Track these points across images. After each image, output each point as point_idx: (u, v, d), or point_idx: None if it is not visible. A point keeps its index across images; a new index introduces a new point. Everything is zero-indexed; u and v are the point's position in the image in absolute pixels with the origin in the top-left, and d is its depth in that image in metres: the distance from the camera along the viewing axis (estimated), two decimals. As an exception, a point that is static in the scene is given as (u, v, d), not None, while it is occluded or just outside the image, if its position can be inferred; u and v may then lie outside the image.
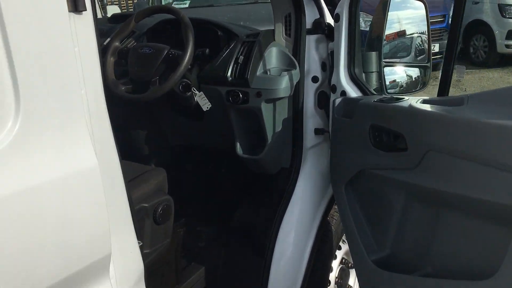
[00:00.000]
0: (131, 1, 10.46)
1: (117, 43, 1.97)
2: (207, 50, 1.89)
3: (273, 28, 2.01)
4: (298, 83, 1.94)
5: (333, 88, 1.93)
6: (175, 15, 1.90)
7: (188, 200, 2.31)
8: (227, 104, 1.94)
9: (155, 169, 1.73)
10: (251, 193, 2.27)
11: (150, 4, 7.18)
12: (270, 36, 1.99)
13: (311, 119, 2.02)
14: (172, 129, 2.24)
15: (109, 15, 7.05)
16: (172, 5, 6.90)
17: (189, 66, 1.90)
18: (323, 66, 1.99)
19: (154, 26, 2.14)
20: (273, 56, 1.95)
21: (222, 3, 6.99)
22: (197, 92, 1.92)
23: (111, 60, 1.95)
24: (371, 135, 1.64)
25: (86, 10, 0.98)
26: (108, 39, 2.03)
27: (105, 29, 2.22)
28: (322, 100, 2.02)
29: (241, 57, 1.91)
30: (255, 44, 1.92)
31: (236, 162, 2.09)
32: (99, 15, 6.63)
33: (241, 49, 1.94)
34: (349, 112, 1.77)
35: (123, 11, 9.51)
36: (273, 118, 1.96)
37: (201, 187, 2.37)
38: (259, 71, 1.90)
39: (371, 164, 1.66)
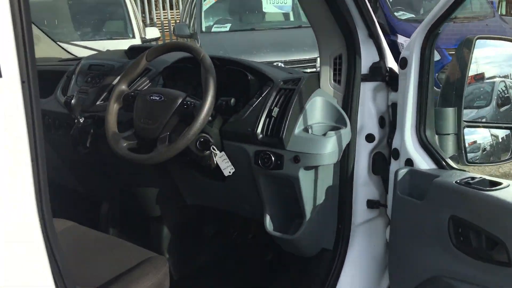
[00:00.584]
0: (170, 21, 10.33)
1: (123, 86, 1.60)
2: (232, 100, 1.48)
3: (318, 68, 1.59)
4: (348, 144, 1.50)
5: (395, 153, 1.48)
6: (194, 54, 1.51)
7: (204, 274, 1.89)
8: (255, 168, 1.52)
9: (157, 259, 1.33)
10: (283, 276, 1.82)
11: (190, 27, 6.93)
12: (314, 82, 1.56)
13: (363, 188, 1.57)
14: (188, 187, 1.84)
15: (148, 37, 6.89)
16: (213, 29, 6.63)
17: (210, 118, 1.50)
18: (381, 121, 1.54)
19: (173, 64, 1.76)
20: (317, 109, 1.52)
21: (265, 27, 6.65)
22: (217, 152, 1.51)
23: (114, 107, 1.57)
24: (451, 231, 1.18)
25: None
26: (116, 80, 1.67)
27: (116, 65, 1.87)
28: (378, 164, 1.57)
29: (276, 109, 1.49)
30: (295, 92, 1.49)
31: (266, 233, 1.66)
32: (138, 38, 6.43)
33: (276, 98, 1.52)
34: (419, 191, 1.31)
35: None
36: (313, 188, 1.52)
37: (221, 258, 1.95)
38: (298, 128, 1.47)
39: (450, 271, 1.19)
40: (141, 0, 10.14)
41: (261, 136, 1.49)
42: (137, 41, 6.35)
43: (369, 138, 1.55)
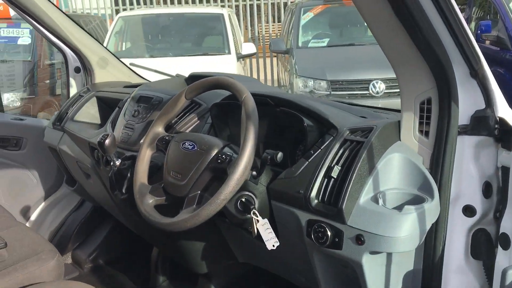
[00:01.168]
0: (270, 36, 10.20)
1: (159, 128, 1.35)
2: (279, 155, 1.16)
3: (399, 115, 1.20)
4: (437, 221, 1.11)
5: (504, 240, 1.05)
6: (236, 94, 1.22)
7: None
8: (307, 241, 1.18)
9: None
10: None
11: (287, 43, 6.69)
12: (392, 133, 1.18)
13: (457, 277, 1.16)
14: (238, 244, 1.54)
15: (244, 52, 6.76)
16: (310, 44, 6.32)
17: (254, 173, 1.19)
18: (486, 189, 1.12)
19: (222, 102, 1.48)
20: (393, 170, 1.14)
21: (365, 42, 6.18)
22: (259, 218, 1.19)
23: (147, 153, 1.33)
24: None
25: None
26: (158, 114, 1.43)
27: (165, 99, 1.63)
28: (481, 245, 1.15)
29: (337, 168, 1.14)
30: (364, 145, 1.13)
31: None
32: (234, 54, 6.34)
33: (339, 152, 1.16)
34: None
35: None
36: (384, 276, 1.14)
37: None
38: (365, 197, 1.10)
39: None
40: (244, 14, 10.17)
41: (315, 202, 1.14)
42: (232, 57, 6.26)
43: (468, 211, 1.14)
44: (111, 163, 1.48)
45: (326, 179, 1.14)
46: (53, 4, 2.19)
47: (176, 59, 6.09)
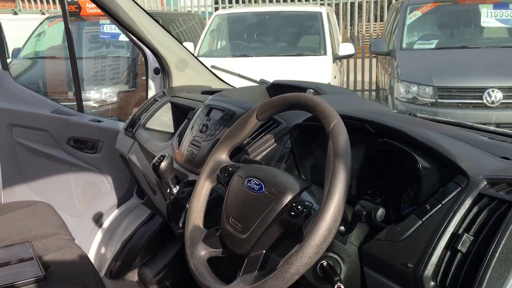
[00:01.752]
0: (371, 36, 9.58)
1: (222, 156, 1.07)
2: (380, 212, 0.81)
3: None
4: None
5: None
6: (322, 120, 0.89)
7: None
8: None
9: None
10: None
11: (389, 43, 6.15)
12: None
13: None
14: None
15: (341, 53, 6.35)
16: (415, 45, 5.73)
17: (342, 228, 0.86)
18: None
19: (305, 123, 1.16)
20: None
21: (480, 45, 5.45)
22: (344, 291, 0.86)
23: (204, 186, 1.05)
24: None
25: None
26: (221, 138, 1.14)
27: (238, 112, 1.35)
28: None
29: (468, 238, 0.77)
30: None
31: None
32: (330, 55, 5.95)
33: (471, 213, 0.79)
34: None
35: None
36: None
37: None
38: None
39: None
40: (344, 12, 9.71)
41: (431, 284, 0.78)
42: (327, 58, 5.89)
43: None
44: (168, 190, 1.23)
45: (449, 252, 0.78)
46: (134, 1, 2.01)
47: (270, 59, 5.86)
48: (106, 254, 2.46)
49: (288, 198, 0.88)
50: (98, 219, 2.46)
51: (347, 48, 6.13)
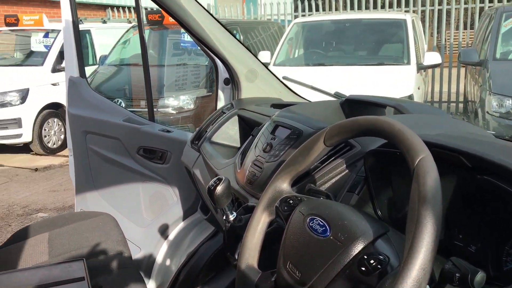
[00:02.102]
0: (460, 44, 8.95)
1: (283, 185, 0.93)
2: (479, 278, 0.63)
3: None
4: None
5: None
6: (404, 152, 0.72)
7: None
8: None
9: None
10: None
11: (480, 53, 5.67)
12: None
13: None
14: None
15: (426, 63, 5.96)
16: (511, 55, 5.21)
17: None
18: None
19: (382, 150, 0.98)
20: None
21: None
22: None
23: (261, 219, 0.92)
24: None
25: None
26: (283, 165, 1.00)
27: (306, 132, 1.20)
28: None
29: None
30: None
31: None
32: (414, 64, 5.60)
33: None
34: None
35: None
36: None
37: None
38: None
39: None
40: (431, 20, 9.20)
41: None
42: (411, 68, 5.56)
43: None
44: (224, 217, 1.11)
45: None
46: (204, 9, 1.94)
47: (348, 68, 5.64)
48: (171, 266, 2.41)
49: (358, 248, 0.72)
50: (164, 231, 2.42)
51: (433, 57, 5.75)
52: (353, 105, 1.44)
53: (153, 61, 6.73)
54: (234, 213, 1.11)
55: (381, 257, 0.70)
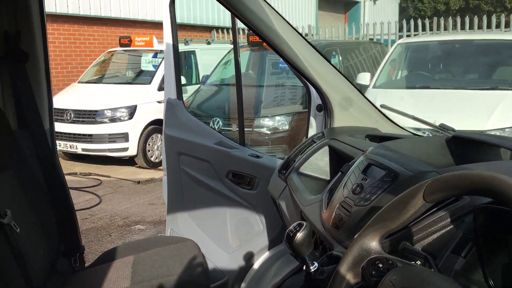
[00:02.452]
0: None
1: (372, 243, 0.80)
2: None
3: None
4: None
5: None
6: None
7: None
8: None
9: None
10: None
11: None
12: None
13: None
14: None
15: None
16: None
17: None
18: None
19: (499, 207, 0.80)
20: None
21: None
22: None
23: (345, 280, 0.79)
24: None
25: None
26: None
27: (403, 176, 1.05)
28: None
29: None
30: None
31: None
32: None
33: None
34: None
35: None
36: None
37: None
38: None
39: None
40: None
41: None
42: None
43: None
44: (304, 267, 1.00)
45: None
46: (298, 34, 1.87)
47: (456, 92, 5.23)
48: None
49: None
50: (249, 259, 2.36)
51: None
52: (460, 144, 1.25)
53: (252, 82, 6.83)
54: (316, 264, 0.99)
55: None
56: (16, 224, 1.44)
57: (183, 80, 7.19)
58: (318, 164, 1.74)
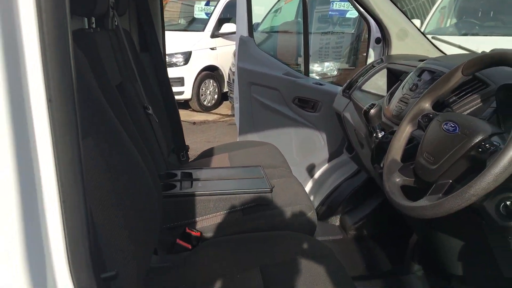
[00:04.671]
0: None
1: (426, 104, 1.21)
2: None
3: None
4: None
5: None
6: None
7: None
8: None
9: None
10: None
11: None
12: None
13: None
14: (502, 254, 1.26)
15: None
16: None
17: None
18: None
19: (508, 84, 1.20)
20: None
21: None
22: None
23: (406, 129, 1.22)
24: None
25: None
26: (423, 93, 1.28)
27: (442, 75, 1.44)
28: None
29: None
30: None
31: None
32: None
33: None
34: None
35: None
36: None
37: None
38: None
39: None
40: None
41: None
42: None
43: None
44: (374, 135, 1.43)
45: None
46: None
47: (505, 39, 5.37)
48: (314, 202, 2.80)
49: (478, 138, 0.99)
50: (311, 170, 2.81)
51: None
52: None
53: (300, 29, 7.09)
54: (383, 132, 1.42)
55: (495, 143, 0.97)
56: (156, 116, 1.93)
57: (234, 27, 7.52)
58: (378, 83, 2.13)
